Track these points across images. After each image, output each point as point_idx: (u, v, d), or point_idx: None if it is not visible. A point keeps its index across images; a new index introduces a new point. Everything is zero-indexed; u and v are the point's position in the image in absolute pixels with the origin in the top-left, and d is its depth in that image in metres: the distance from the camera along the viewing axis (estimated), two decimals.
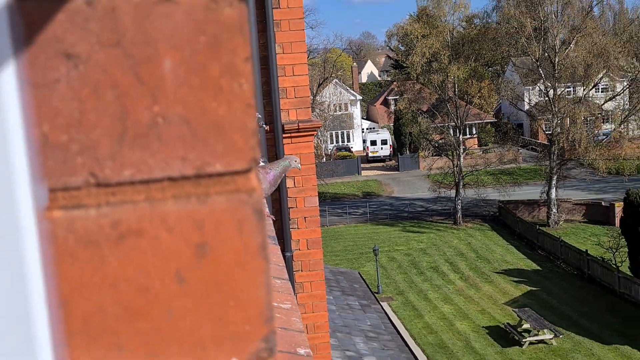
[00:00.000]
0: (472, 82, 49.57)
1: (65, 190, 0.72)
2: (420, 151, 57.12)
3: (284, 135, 8.94)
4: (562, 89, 45.19)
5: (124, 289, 0.73)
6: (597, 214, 42.75)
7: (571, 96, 45.27)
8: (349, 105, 70.73)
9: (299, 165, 3.95)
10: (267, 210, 6.07)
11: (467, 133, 52.70)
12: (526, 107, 55.47)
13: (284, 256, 8.19)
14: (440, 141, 50.23)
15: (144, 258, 0.73)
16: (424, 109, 51.58)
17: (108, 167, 0.72)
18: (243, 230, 0.74)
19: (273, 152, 8.75)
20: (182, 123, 0.72)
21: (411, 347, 16.25)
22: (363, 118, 73.26)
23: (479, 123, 57.89)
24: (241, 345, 0.75)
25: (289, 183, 9.11)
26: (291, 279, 8.28)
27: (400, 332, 17.80)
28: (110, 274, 0.73)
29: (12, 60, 0.68)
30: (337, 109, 68.36)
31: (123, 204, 0.73)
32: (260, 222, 0.75)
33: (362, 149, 69.79)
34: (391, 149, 66.30)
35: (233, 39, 0.73)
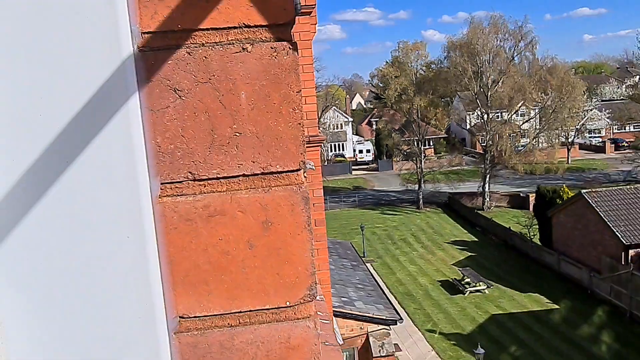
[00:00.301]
0: (430, 109, 49.33)
1: (171, 183, 0.72)
2: (393, 157, 56.82)
3: None
4: (493, 114, 45.02)
5: (211, 252, 0.73)
6: (517, 202, 42.60)
7: (499, 119, 45.10)
8: (343, 125, 70.46)
9: (313, 166, 3.96)
10: None
11: (427, 145, 52.33)
12: (468, 126, 55.34)
13: None
14: (407, 150, 49.99)
15: (226, 230, 0.73)
16: (396, 128, 51.36)
17: (201, 167, 0.72)
18: (295, 211, 0.74)
19: None
20: (253, 136, 0.72)
21: (387, 295, 16.22)
22: (353, 134, 72.90)
23: (434, 137, 57.56)
24: (293, 292, 0.75)
25: None
26: None
27: (380, 284, 17.77)
28: (202, 242, 0.73)
29: (136, 93, 0.69)
30: (335, 127, 68.25)
31: (211, 193, 0.73)
32: (306, 206, 0.75)
33: (352, 155, 69.56)
34: (373, 156, 66.14)
35: (288, 77, 0.72)
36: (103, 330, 0.70)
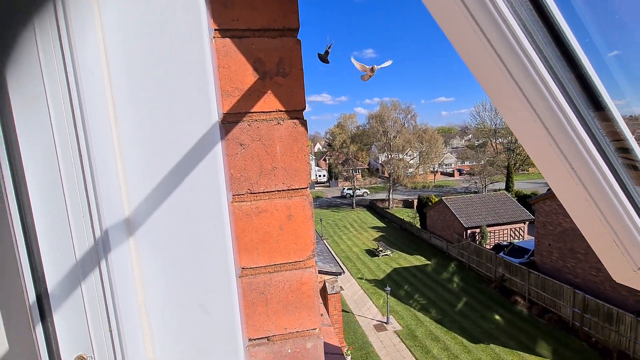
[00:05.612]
0: (359, 152, 50.00)
1: (238, 195, 0.74)
2: (338, 179, 57.09)
3: None
4: (393, 155, 45.86)
5: (259, 232, 0.75)
6: (407, 204, 43.24)
7: (397, 158, 45.91)
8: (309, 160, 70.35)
9: None
10: None
11: (357, 172, 52.72)
12: (380, 161, 56.23)
13: None
14: (346, 175, 50.32)
15: (268, 220, 0.75)
16: (340, 162, 51.71)
17: (254, 185, 0.74)
18: (305, 209, 0.77)
19: None
20: (283, 169, 0.75)
21: (335, 257, 16.10)
22: (315, 166, 72.72)
23: (361, 168, 58.11)
24: (303, 253, 0.77)
25: None
26: None
27: (331, 252, 17.62)
28: (254, 227, 0.75)
29: (220, 144, 0.71)
30: None
31: (260, 200, 0.75)
32: (311, 207, 0.77)
33: (315, 178, 69.36)
34: (327, 178, 66.27)
35: (302, 138, 0.76)
36: (202, 277, 0.71)
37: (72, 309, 0.62)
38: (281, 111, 0.74)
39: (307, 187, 0.77)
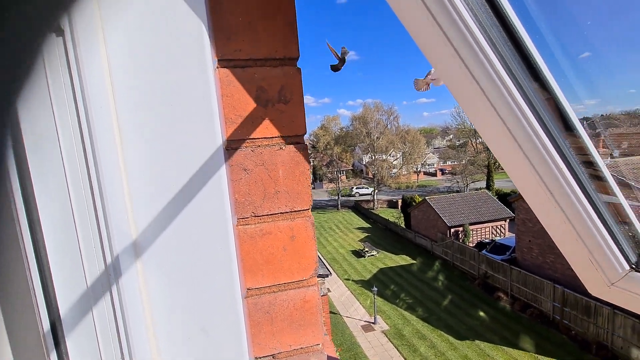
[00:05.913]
0: (343, 153, 50.21)
1: (242, 218, 0.76)
2: (323, 181, 57.16)
3: None
4: (377, 156, 46.26)
5: (264, 253, 0.78)
6: (391, 204, 43.67)
7: (381, 159, 46.33)
8: None
9: None
10: None
11: (341, 173, 52.90)
12: (364, 162, 56.61)
13: None
14: (330, 177, 50.44)
15: (272, 242, 0.78)
16: (324, 164, 51.77)
17: (258, 209, 0.77)
18: (307, 230, 0.80)
19: None
20: (286, 193, 0.78)
21: (321, 259, 16.08)
22: None
23: (345, 169, 58.29)
24: (306, 272, 0.80)
25: None
26: None
27: (317, 253, 17.54)
28: (259, 248, 0.78)
29: (224, 169, 0.74)
30: None
31: (264, 222, 0.77)
32: (313, 227, 0.80)
33: None
34: (311, 180, 66.06)
35: (303, 162, 0.79)
36: (209, 299, 0.73)
37: (84, 336, 0.63)
38: (283, 137, 0.78)
39: (308, 209, 0.80)
